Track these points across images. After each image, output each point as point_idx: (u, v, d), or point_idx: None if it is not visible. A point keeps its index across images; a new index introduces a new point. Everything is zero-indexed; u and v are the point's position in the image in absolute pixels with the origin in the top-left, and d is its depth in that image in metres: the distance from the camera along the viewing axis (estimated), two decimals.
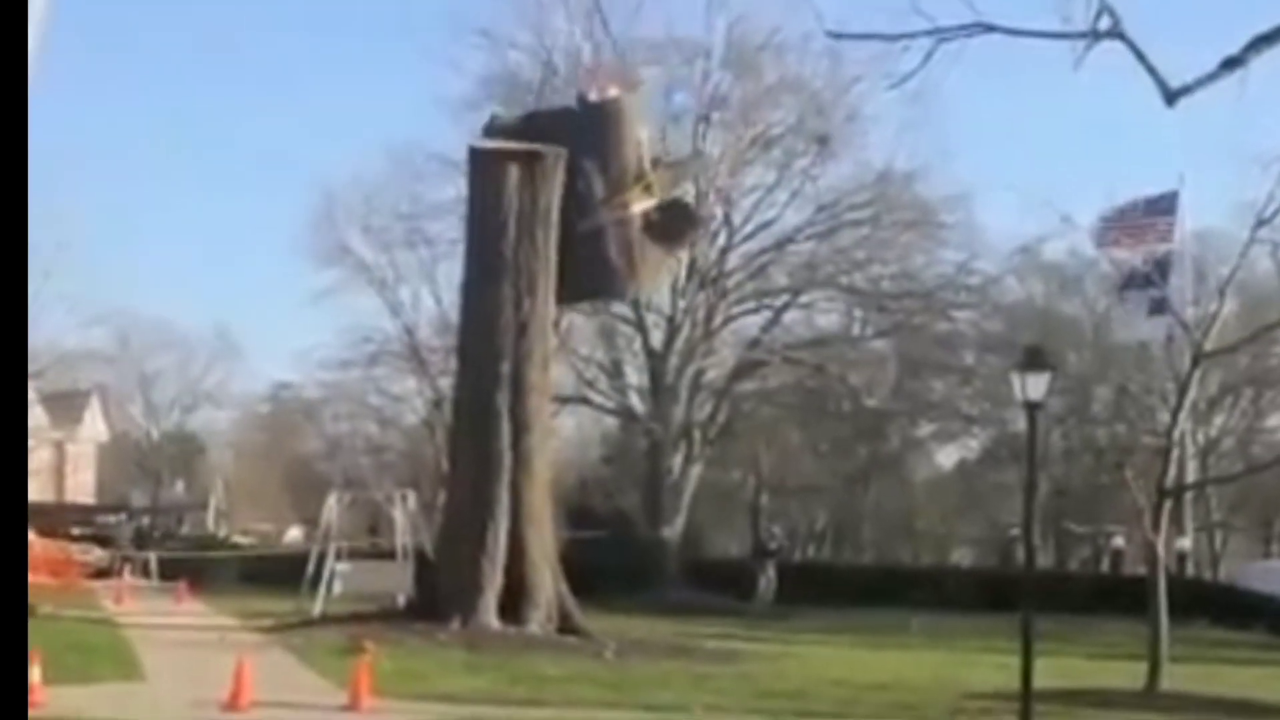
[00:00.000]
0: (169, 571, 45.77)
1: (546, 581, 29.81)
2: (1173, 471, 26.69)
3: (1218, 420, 56.93)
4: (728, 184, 50.23)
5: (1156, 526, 24.60)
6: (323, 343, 58.27)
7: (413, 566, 34.45)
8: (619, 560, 44.69)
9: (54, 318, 55.35)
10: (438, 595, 30.08)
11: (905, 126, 48.75)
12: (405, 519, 37.78)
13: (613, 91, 32.31)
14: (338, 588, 35.18)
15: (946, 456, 68.72)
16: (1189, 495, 42.35)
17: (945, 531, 70.94)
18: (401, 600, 32.60)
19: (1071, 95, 73.48)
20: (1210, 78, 14.26)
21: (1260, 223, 25.69)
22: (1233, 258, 29.62)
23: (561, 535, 35.00)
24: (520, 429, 29.93)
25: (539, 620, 29.23)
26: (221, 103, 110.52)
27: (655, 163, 33.17)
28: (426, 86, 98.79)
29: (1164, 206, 42.79)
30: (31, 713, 15.50)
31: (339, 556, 36.65)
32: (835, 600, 42.13)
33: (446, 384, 45.76)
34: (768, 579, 43.75)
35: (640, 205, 31.30)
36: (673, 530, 49.11)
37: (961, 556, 69.99)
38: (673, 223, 32.77)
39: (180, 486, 78.08)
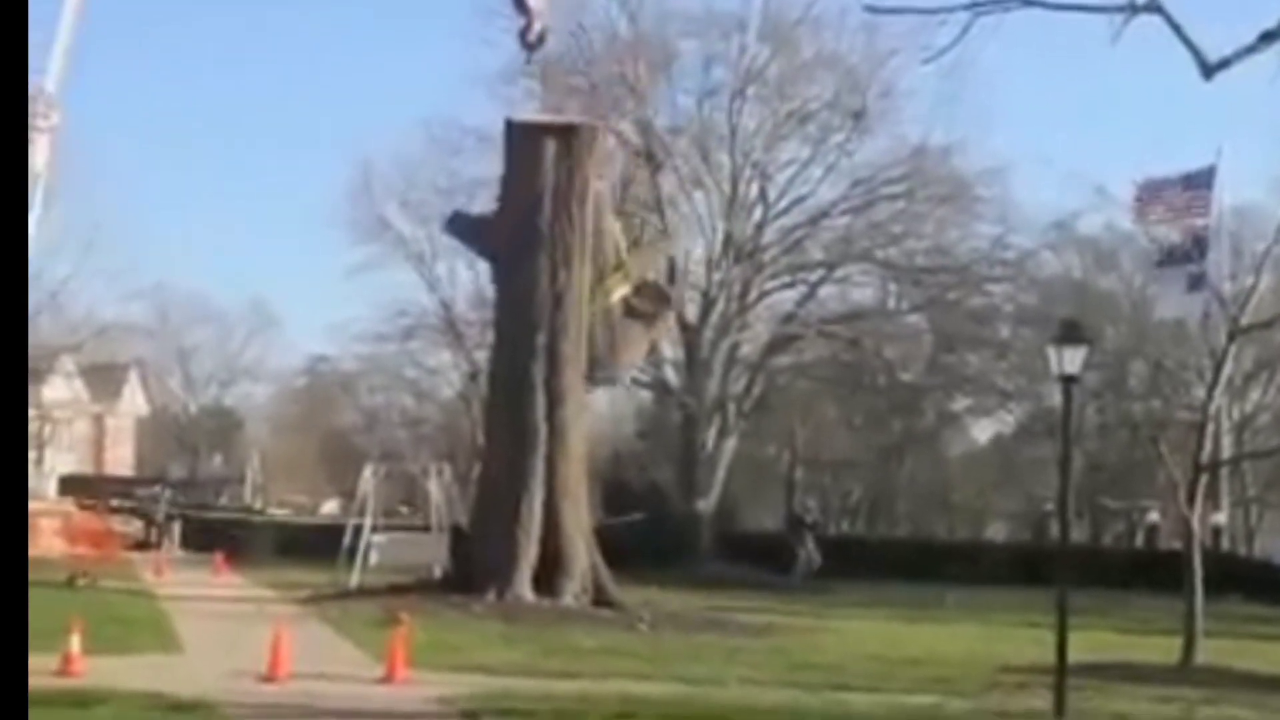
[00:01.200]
0: (205, 543, 46.56)
1: (581, 554, 30.17)
2: (1208, 447, 26.76)
3: (1253, 396, 56.89)
4: (763, 159, 50.65)
5: (1191, 501, 24.67)
6: (359, 316, 59.24)
7: (448, 539, 34.77)
8: (654, 534, 45.17)
9: (94, 291, 55.98)
10: (473, 567, 30.45)
11: (941, 100, 48.99)
12: (441, 492, 38.15)
13: None
14: (374, 560, 35.62)
15: (982, 431, 68.95)
16: (1224, 471, 42.44)
17: (980, 506, 71.19)
18: (437, 572, 33.06)
19: (1109, 69, 73.37)
20: (1248, 51, 14.28)
21: None
22: (1270, 233, 29.60)
23: (598, 518, 35.50)
24: (555, 402, 30.34)
25: (573, 592, 29.61)
26: (256, 79, 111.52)
27: (630, 246, 34.74)
28: (461, 62, 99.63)
29: (1201, 181, 42.81)
30: (71, 683, 17.85)
31: (375, 529, 37.07)
32: (869, 574, 42.49)
33: (482, 357, 46.23)
34: (807, 552, 44.18)
35: (620, 292, 32.57)
36: (707, 503, 49.44)
37: (996, 531, 70.36)
38: (649, 304, 33.93)
39: (218, 460, 78.97)
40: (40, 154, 35.92)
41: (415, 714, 17.94)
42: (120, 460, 73.42)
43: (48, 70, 36.88)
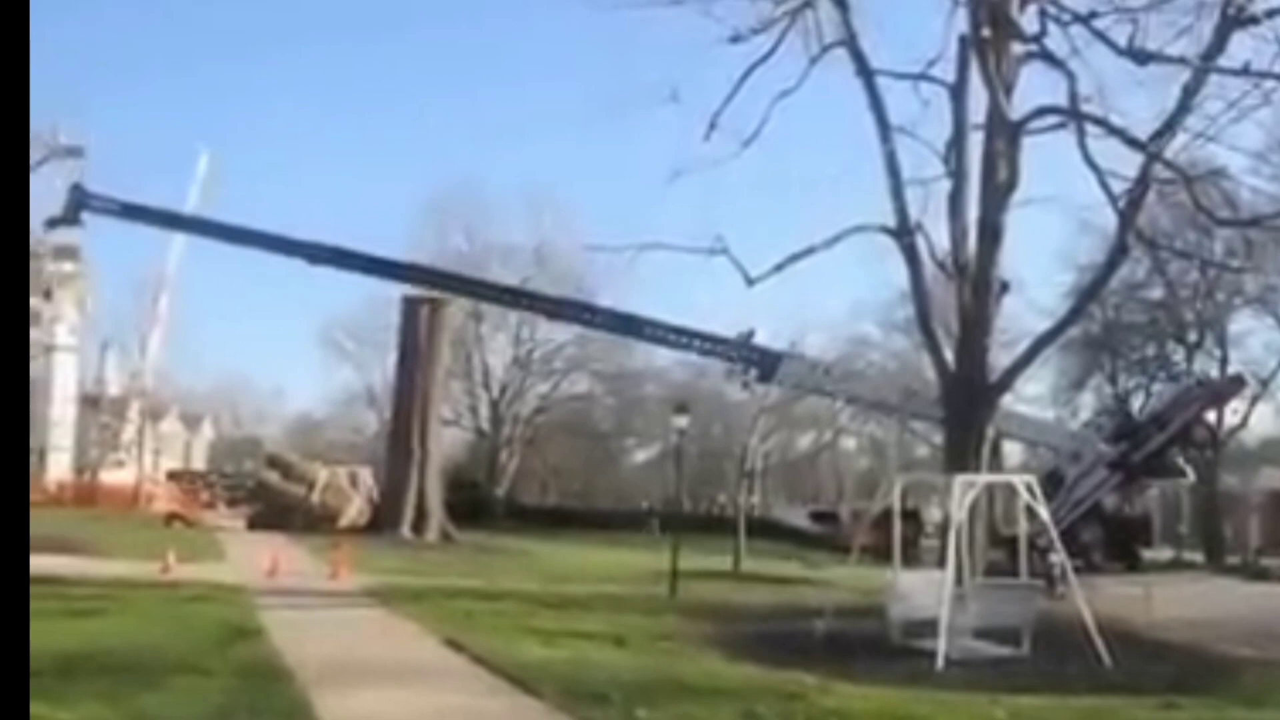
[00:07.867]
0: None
1: (436, 511, 47.80)
2: None
3: None
4: None
5: None
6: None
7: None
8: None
9: None
10: (380, 520, 47.67)
11: None
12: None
13: None
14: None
15: None
16: None
17: None
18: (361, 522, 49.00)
19: None
20: None
21: None
22: None
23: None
24: (423, 436, 48.29)
25: (432, 533, 46.92)
26: None
27: None
28: None
29: None
30: (166, 576, 24.58)
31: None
32: None
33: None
34: None
35: None
36: (500, 488, 72.99)
37: None
38: None
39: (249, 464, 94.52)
40: None
41: (347, 593, 24.77)
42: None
43: None
